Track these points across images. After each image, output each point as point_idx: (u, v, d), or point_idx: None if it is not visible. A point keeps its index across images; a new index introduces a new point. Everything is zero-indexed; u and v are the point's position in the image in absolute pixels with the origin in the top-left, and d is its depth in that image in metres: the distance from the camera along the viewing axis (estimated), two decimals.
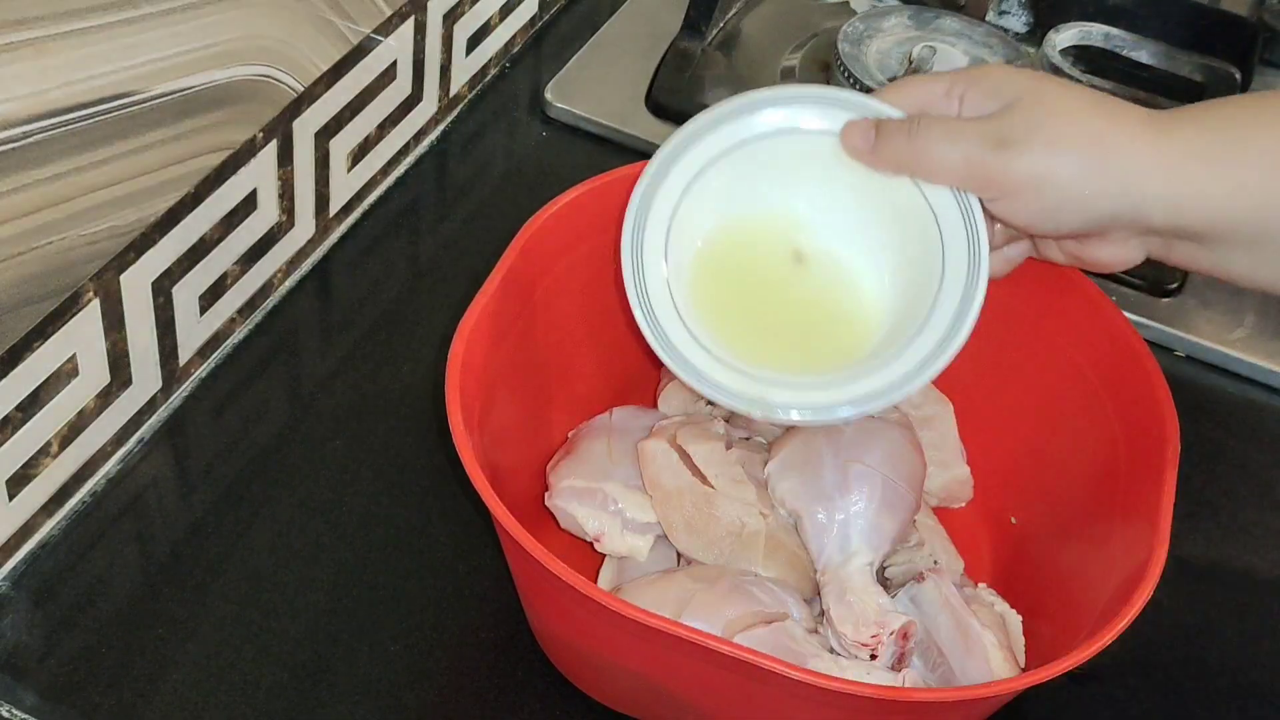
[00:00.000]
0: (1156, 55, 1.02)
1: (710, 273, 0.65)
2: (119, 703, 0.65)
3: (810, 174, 0.64)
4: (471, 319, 0.62)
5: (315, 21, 0.76)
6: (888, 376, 0.61)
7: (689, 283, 0.64)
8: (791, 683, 0.54)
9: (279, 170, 0.78)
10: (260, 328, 0.81)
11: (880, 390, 0.61)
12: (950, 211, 0.61)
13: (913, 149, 0.60)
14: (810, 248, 0.65)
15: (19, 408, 0.65)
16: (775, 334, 0.65)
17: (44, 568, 0.69)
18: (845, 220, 0.64)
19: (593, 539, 0.68)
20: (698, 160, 0.64)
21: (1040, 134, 0.57)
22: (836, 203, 0.64)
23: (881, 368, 0.62)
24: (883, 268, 0.64)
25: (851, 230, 0.64)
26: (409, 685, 0.67)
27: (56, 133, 0.62)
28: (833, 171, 0.63)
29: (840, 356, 0.64)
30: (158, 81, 0.67)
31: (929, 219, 0.62)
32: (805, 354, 0.64)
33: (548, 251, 0.68)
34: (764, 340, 0.64)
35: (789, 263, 0.65)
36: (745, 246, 0.65)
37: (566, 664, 0.67)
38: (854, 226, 0.64)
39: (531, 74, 1.00)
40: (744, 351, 0.64)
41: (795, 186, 0.64)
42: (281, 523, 0.72)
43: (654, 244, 0.64)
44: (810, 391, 0.62)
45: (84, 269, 0.66)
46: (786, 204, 0.65)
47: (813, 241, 0.65)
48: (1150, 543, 0.59)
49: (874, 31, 0.98)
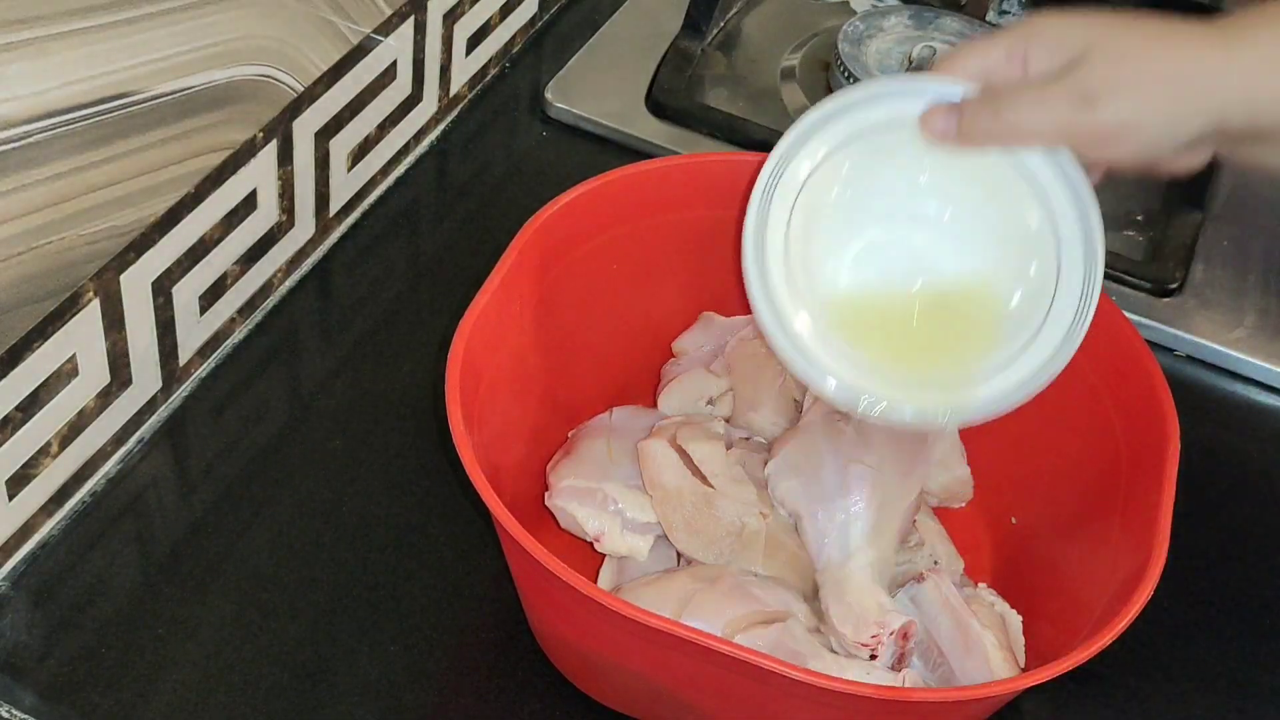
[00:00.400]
0: None
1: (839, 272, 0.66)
2: (118, 703, 0.65)
3: (905, 160, 0.64)
4: (471, 319, 0.62)
5: (315, 21, 0.76)
6: (1043, 349, 0.63)
7: (814, 275, 0.65)
8: (791, 683, 0.54)
9: (279, 170, 0.78)
10: (260, 328, 0.81)
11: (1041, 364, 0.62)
12: (1045, 170, 0.62)
13: (1001, 123, 0.61)
14: (926, 241, 0.65)
15: (19, 408, 0.65)
16: (902, 331, 0.65)
17: (44, 568, 0.69)
18: (956, 206, 0.65)
19: (593, 539, 0.68)
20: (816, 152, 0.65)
21: (1122, 82, 0.58)
22: (939, 188, 0.65)
23: (1029, 342, 0.63)
24: (993, 244, 0.65)
25: (964, 214, 0.65)
26: (409, 685, 0.67)
27: (57, 132, 0.62)
28: (921, 158, 0.64)
29: (972, 348, 0.64)
30: (158, 81, 0.67)
31: (1024, 179, 0.62)
32: (933, 351, 0.65)
33: (548, 251, 0.68)
34: (890, 337, 0.65)
35: (910, 258, 0.66)
36: (869, 250, 0.66)
37: (566, 664, 0.67)
38: (965, 211, 0.65)
39: (531, 74, 1.00)
40: (875, 353, 0.64)
41: (900, 173, 0.65)
42: (281, 523, 0.72)
43: (777, 223, 0.64)
44: (944, 391, 0.63)
45: (84, 269, 0.66)
46: (900, 193, 0.65)
47: (929, 234, 0.65)
48: (1150, 543, 0.59)
49: (874, 31, 0.98)
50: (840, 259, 0.65)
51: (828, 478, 0.66)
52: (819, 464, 0.67)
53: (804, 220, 0.64)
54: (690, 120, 0.95)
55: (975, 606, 0.64)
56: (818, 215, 0.64)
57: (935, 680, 0.63)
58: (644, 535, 0.68)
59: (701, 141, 0.93)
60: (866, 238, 0.65)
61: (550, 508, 0.69)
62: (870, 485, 0.66)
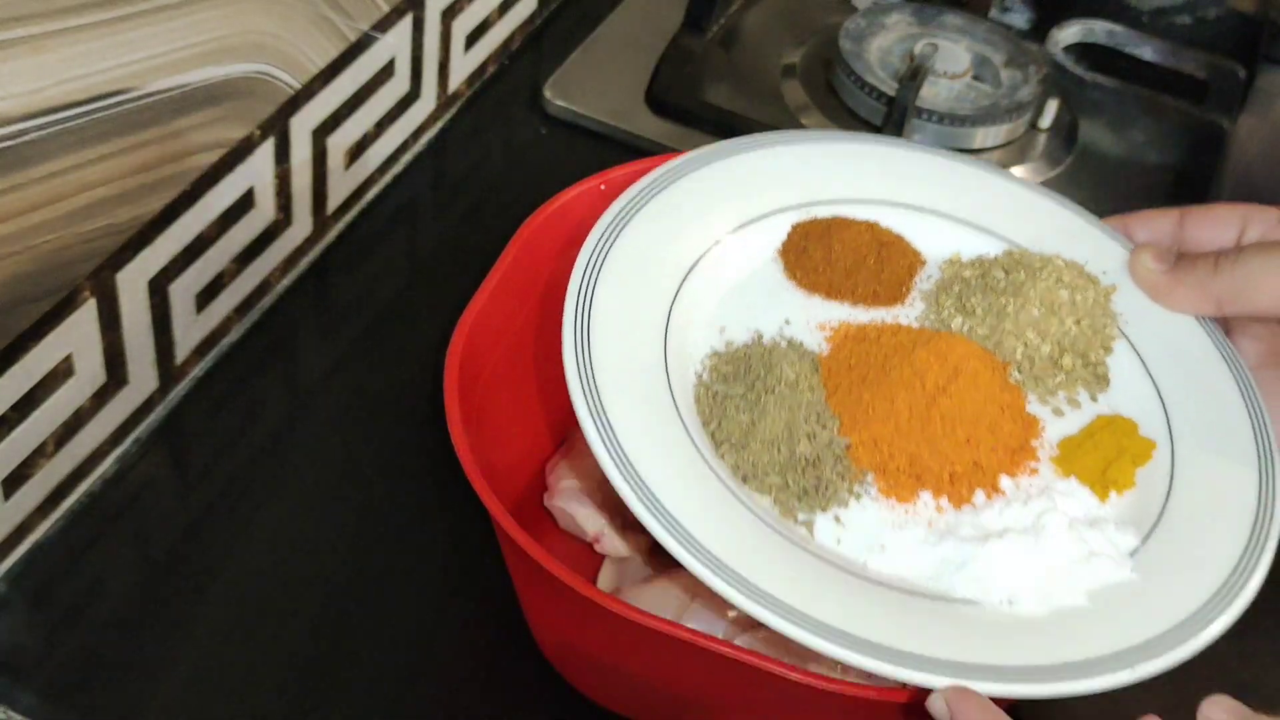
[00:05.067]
0: (1160, 52, 1.01)
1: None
2: (116, 703, 0.64)
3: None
4: (470, 317, 0.62)
5: (312, 18, 0.76)
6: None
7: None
8: (792, 684, 0.54)
9: (276, 168, 0.78)
10: (257, 326, 0.81)
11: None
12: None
13: (1232, 280, 0.56)
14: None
15: (14, 408, 0.65)
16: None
17: (40, 568, 0.69)
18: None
19: (592, 539, 0.68)
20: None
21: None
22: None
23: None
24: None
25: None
26: (408, 685, 0.66)
27: (52, 130, 0.61)
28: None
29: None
30: (154, 79, 0.66)
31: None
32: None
33: (547, 249, 0.68)
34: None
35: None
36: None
37: (566, 665, 0.66)
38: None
39: (530, 71, 1.00)
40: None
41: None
42: (279, 522, 0.72)
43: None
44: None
45: (80, 268, 0.66)
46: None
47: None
48: None
49: (876, 28, 0.98)
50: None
51: None
52: None
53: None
54: (690, 117, 0.94)
55: None
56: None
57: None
58: (644, 535, 0.67)
59: (702, 139, 0.93)
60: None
61: (550, 508, 0.69)
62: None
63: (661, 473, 0.50)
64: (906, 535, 0.52)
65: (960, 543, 0.52)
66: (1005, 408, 0.56)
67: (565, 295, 0.57)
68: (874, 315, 0.60)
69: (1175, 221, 0.60)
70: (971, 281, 0.60)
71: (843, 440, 0.54)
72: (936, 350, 0.56)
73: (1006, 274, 0.59)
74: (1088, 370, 0.58)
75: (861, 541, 0.52)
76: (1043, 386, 0.58)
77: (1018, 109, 0.93)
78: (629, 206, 0.59)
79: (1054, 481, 0.55)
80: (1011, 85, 0.95)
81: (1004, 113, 0.93)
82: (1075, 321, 0.58)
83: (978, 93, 0.95)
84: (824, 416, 0.55)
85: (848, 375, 0.56)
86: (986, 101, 0.94)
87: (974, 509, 0.53)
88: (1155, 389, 0.58)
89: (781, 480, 0.53)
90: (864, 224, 0.62)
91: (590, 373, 0.52)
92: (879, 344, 0.57)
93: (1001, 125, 0.93)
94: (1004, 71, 0.96)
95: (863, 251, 0.61)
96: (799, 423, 0.54)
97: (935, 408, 0.54)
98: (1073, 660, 0.48)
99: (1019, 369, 0.58)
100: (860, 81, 0.94)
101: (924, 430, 0.54)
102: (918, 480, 0.54)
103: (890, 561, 0.52)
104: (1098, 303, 0.59)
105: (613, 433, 0.51)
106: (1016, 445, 0.55)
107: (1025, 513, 0.53)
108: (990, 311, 0.58)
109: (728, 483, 0.53)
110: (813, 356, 0.57)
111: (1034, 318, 0.58)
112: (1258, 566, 0.51)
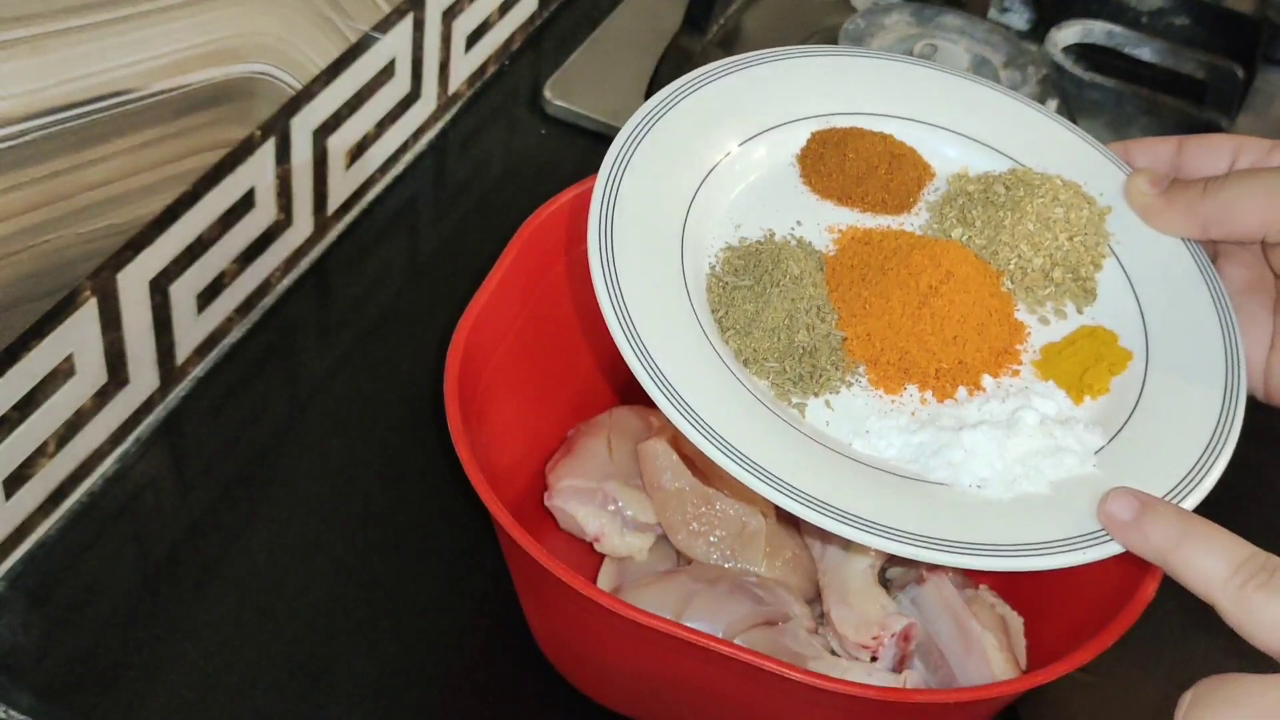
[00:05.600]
0: (1159, 52, 1.01)
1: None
2: (116, 703, 0.65)
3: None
4: (470, 318, 0.62)
5: (313, 19, 0.76)
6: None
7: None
8: (792, 684, 0.54)
9: (277, 168, 0.78)
10: (258, 327, 0.81)
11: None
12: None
13: (1217, 203, 0.59)
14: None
15: (16, 407, 0.65)
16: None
17: (41, 568, 0.69)
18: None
19: (592, 539, 0.68)
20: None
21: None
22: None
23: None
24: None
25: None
26: (408, 685, 0.67)
27: (53, 131, 0.61)
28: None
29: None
30: (155, 79, 0.66)
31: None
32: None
33: (547, 250, 0.68)
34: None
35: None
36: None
37: (566, 664, 0.66)
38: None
39: (531, 71, 1.00)
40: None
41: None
42: (280, 523, 0.72)
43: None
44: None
45: (81, 268, 0.66)
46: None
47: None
48: None
49: (875, 28, 0.98)
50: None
51: None
52: None
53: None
54: None
55: (976, 608, 0.64)
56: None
57: (936, 682, 0.63)
58: (644, 535, 0.67)
59: None
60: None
61: (550, 508, 0.69)
62: None
63: (669, 352, 0.54)
64: (890, 422, 0.56)
65: (939, 431, 0.55)
66: (994, 312, 0.59)
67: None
68: (881, 222, 0.63)
69: (1174, 149, 0.62)
70: (974, 195, 0.63)
71: (839, 334, 0.58)
72: (931, 254, 0.59)
73: (1007, 190, 0.62)
74: (1076, 284, 0.61)
75: (848, 425, 0.56)
76: (1032, 296, 0.61)
77: None
78: (666, 100, 0.62)
79: (1033, 383, 0.58)
80: (1010, 86, 0.95)
81: None
82: (1069, 238, 0.61)
83: None
84: (824, 310, 0.58)
85: (849, 274, 0.59)
86: None
87: (955, 403, 0.57)
88: (1138, 306, 0.61)
89: (780, 366, 0.57)
90: (879, 135, 0.65)
91: (611, 258, 0.56)
92: (880, 246, 0.60)
93: None
94: (1003, 72, 0.96)
95: (874, 161, 0.64)
96: (800, 314, 0.57)
97: (927, 307, 0.58)
98: (1031, 541, 0.52)
99: (1011, 279, 0.61)
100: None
101: (915, 327, 0.57)
102: (905, 374, 0.57)
103: (873, 444, 0.55)
104: (1091, 221, 0.62)
105: (628, 314, 0.54)
106: (1001, 348, 0.58)
107: (1002, 409, 0.56)
108: (989, 224, 0.61)
109: (730, 365, 0.56)
110: (819, 255, 0.60)
111: (1029, 231, 0.61)
112: (1207, 475, 0.55)
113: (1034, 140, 0.65)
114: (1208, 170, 0.61)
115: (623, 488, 0.68)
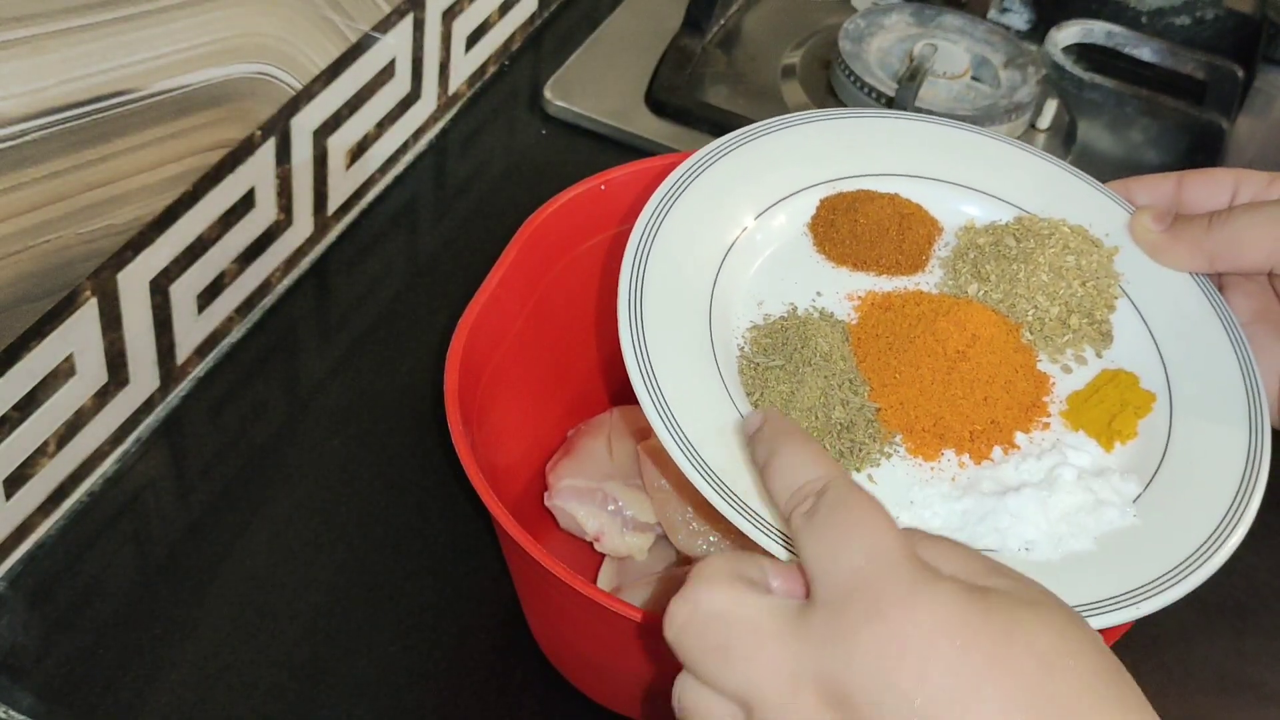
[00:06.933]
0: (1159, 53, 1.01)
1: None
2: (116, 703, 0.65)
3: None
4: (470, 318, 0.62)
5: (313, 19, 0.76)
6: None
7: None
8: None
9: (277, 168, 0.78)
10: (258, 327, 0.81)
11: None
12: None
13: (1222, 237, 0.59)
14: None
15: (16, 407, 0.65)
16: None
17: (41, 568, 0.69)
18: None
19: (592, 539, 0.68)
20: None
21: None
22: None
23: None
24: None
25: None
26: (408, 685, 0.67)
27: (53, 131, 0.61)
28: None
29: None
30: (155, 79, 0.66)
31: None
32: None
33: (547, 250, 0.68)
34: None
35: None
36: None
37: (566, 664, 0.66)
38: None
39: (531, 71, 1.00)
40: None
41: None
42: (280, 523, 0.72)
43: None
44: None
45: (81, 268, 0.66)
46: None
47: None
48: None
49: (875, 29, 0.98)
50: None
51: None
52: None
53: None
54: (690, 118, 0.94)
55: None
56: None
57: None
58: (644, 535, 0.67)
59: (701, 139, 0.93)
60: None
61: (550, 508, 0.69)
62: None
63: (711, 441, 0.54)
64: (932, 491, 0.56)
65: (981, 497, 0.55)
66: (1019, 368, 0.60)
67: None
68: (897, 283, 0.63)
69: (1174, 185, 0.63)
70: (985, 249, 0.63)
71: (873, 405, 0.58)
72: (956, 319, 0.60)
73: (1017, 241, 0.63)
74: (1093, 328, 0.62)
75: (892, 498, 0.55)
76: (1052, 345, 0.61)
77: (1016, 109, 0.94)
78: (675, 188, 0.62)
79: (1064, 435, 0.58)
80: (1010, 86, 0.95)
81: (1003, 113, 0.93)
82: (1081, 283, 0.62)
83: (976, 93, 0.95)
84: (855, 383, 0.58)
85: (875, 344, 0.60)
86: (985, 102, 0.94)
87: (993, 464, 0.57)
88: (1155, 344, 0.61)
89: (820, 444, 0.56)
90: (887, 196, 0.65)
91: (645, 351, 0.56)
92: (903, 313, 0.61)
93: (1000, 125, 0.93)
94: (1003, 72, 0.96)
95: (885, 223, 0.64)
96: (834, 390, 0.57)
97: (956, 371, 0.58)
98: (1085, 601, 0.52)
99: (1030, 330, 0.62)
100: (859, 82, 0.94)
101: (946, 392, 0.58)
102: (941, 440, 0.57)
103: (918, 515, 0.55)
104: (1101, 265, 0.63)
105: (669, 409, 0.54)
106: (1029, 402, 0.59)
107: (1039, 467, 0.56)
108: (1004, 278, 0.62)
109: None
110: (843, 326, 0.61)
111: (1043, 282, 0.62)
112: (1246, 510, 0.55)
113: (1035, 185, 0.66)
114: (1209, 204, 0.61)
115: (623, 488, 0.68)
